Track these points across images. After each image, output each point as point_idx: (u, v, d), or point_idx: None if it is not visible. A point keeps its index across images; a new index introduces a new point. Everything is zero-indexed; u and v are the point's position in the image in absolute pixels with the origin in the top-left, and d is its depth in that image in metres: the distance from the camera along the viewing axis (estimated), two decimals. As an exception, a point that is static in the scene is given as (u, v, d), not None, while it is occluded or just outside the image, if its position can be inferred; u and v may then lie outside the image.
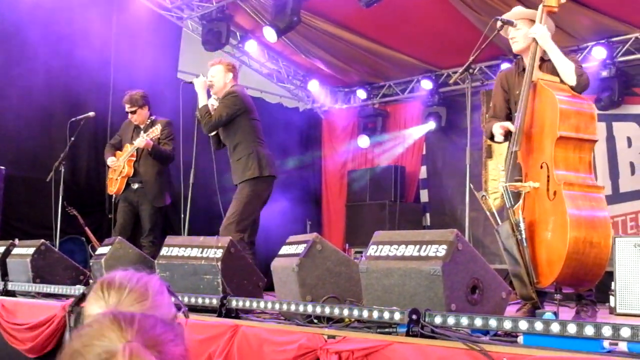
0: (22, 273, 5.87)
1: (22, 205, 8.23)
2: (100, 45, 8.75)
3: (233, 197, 6.00)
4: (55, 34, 8.15)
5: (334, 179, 11.78)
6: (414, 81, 10.61)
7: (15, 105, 8.23)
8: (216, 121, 5.89)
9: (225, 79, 6.03)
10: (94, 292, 1.70)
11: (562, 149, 4.17)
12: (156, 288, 1.71)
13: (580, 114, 4.24)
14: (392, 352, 3.00)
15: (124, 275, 1.72)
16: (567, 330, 2.67)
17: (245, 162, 5.87)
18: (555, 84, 4.36)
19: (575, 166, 4.18)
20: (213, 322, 3.97)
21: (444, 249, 3.25)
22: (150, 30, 9.32)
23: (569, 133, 4.15)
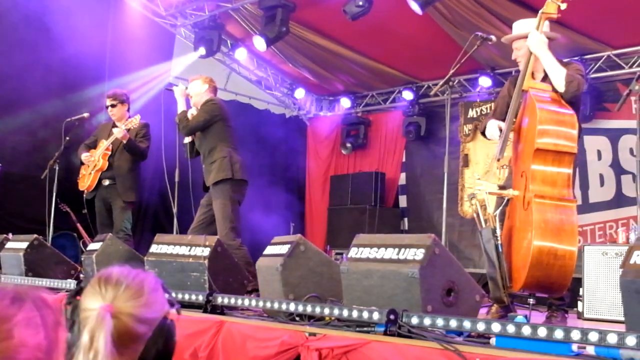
0: (15, 267, 5.94)
1: (17, 201, 8.33)
2: (96, 49, 8.86)
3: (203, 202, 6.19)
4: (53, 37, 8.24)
5: (317, 183, 11.94)
6: (396, 92, 10.83)
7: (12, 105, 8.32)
8: (194, 125, 6.14)
9: (201, 89, 6.29)
10: (91, 287, 1.77)
11: (541, 160, 4.10)
12: (151, 285, 1.81)
13: (561, 126, 4.16)
14: (370, 350, 3.06)
15: (121, 271, 1.80)
16: (537, 333, 2.73)
17: (220, 164, 6.07)
18: (545, 92, 4.29)
19: (553, 179, 4.12)
20: (199, 317, 4.03)
21: (421, 253, 3.33)
22: (144, 37, 9.45)
23: (546, 146, 4.09)
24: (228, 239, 5.85)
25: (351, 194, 10.77)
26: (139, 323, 1.73)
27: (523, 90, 4.37)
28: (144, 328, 1.75)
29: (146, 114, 7.34)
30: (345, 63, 10.06)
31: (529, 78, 4.38)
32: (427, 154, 10.46)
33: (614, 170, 8.55)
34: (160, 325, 1.80)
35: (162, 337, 1.79)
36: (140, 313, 1.74)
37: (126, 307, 1.72)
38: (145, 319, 1.75)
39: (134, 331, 1.73)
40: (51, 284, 5.49)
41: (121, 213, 6.91)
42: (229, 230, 5.92)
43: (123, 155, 6.97)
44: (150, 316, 1.77)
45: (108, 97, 7.11)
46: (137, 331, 1.73)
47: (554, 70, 4.33)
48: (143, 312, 1.75)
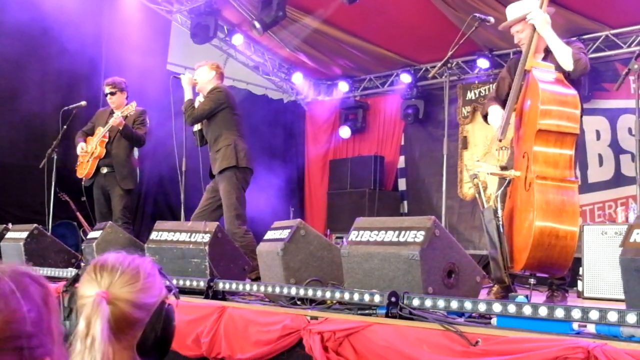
0: (16, 256, 5.96)
1: (16, 191, 8.35)
2: (92, 37, 8.85)
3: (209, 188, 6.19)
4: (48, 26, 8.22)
5: (316, 167, 11.95)
6: (394, 75, 10.80)
7: (9, 94, 8.33)
8: (199, 113, 6.11)
9: (209, 76, 6.25)
10: (87, 274, 1.77)
11: (543, 142, 4.08)
12: (147, 270, 1.81)
13: (564, 106, 4.13)
14: (371, 332, 3.09)
15: (116, 257, 1.80)
16: (538, 313, 2.75)
17: (224, 152, 6.05)
18: (548, 72, 4.25)
19: (555, 160, 4.09)
20: (200, 303, 4.07)
21: (422, 235, 3.35)
22: (140, 23, 9.41)
23: (549, 127, 4.07)
24: (233, 227, 5.88)
25: (350, 177, 10.79)
26: (135, 308, 1.73)
27: (525, 70, 4.34)
28: (141, 313, 1.76)
29: (144, 101, 7.32)
30: (342, 47, 10.03)
31: (531, 57, 4.35)
32: (426, 136, 10.46)
33: (612, 150, 8.56)
34: (158, 310, 1.80)
35: (160, 322, 1.80)
36: (136, 298, 1.74)
37: (122, 293, 1.72)
38: (142, 304, 1.75)
39: (131, 317, 1.73)
40: (52, 273, 5.51)
41: (120, 200, 6.91)
42: (234, 218, 5.93)
43: (121, 142, 6.96)
44: (147, 301, 1.77)
45: (107, 85, 7.09)
46: (134, 316, 1.74)
47: (560, 49, 4.30)
48: (139, 297, 1.75)
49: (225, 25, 10.25)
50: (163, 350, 1.84)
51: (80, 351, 1.60)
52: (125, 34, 9.18)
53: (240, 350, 3.67)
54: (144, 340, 1.77)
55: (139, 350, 1.77)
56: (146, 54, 9.31)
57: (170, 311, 1.84)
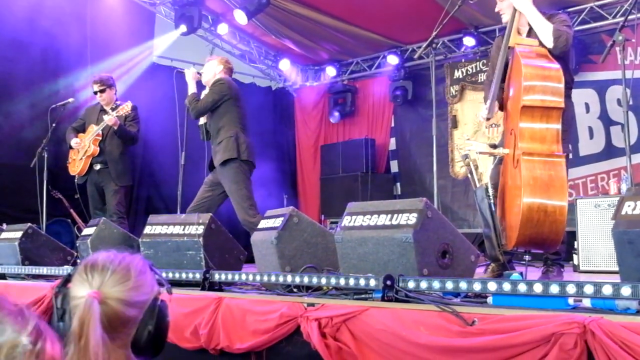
0: (11, 256, 5.93)
1: (8, 191, 8.30)
2: (77, 34, 8.83)
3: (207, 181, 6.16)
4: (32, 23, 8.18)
5: (308, 153, 11.94)
6: (381, 57, 10.78)
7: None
8: (203, 106, 6.07)
9: (215, 70, 6.22)
10: (78, 275, 1.77)
11: (529, 117, 4.07)
12: (139, 268, 1.81)
13: (547, 81, 4.10)
14: (368, 317, 3.09)
15: (107, 257, 1.80)
16: (533, 290, 2.75)
17: (226, 144, 6.03)
18: (531, 48, 4.24)
19: (542, 135, 4.08)
20: (197, 295, 4.05)
21: (414, 217, 3.34)
22: (124, 17, 9.37)
23: (533, 102, 4.05)
24: (249, 216, 5.87)
25: (342, 162, 10.79)
26: (128, 307, 1.73)
27: (509, 47, 4.33)
28: (134, 311, 1.75)
29: (131, 96, 7.30)
30: (327, 31, 9.99)
31: (514, 34, 4.34)
32: (416, 117, 10.46)
33: (602, 122, 8.57)
34: (150, 307, 1.80)
35: (154, 319, 1.80)
36: (128, 297, 1.74)
37: (114, 292, 1.72)
38: (134, 302, 1.75)
39: (124, 315, 1.73)
40: (48, 272, 5.51)
41: (114, 196, 6.91)
42: (248, 208, 5.93)
43: (114, 140, 6.96)
44: (139, 299, 1.77)
45: (95, 83, 7.07)
46: (127, 315, 1.73)
47: (540, 26, 4.29)
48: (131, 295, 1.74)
49: (209, 15, 10.19)
50: (158, 347, 1.84)
51: (74, 352, 1.59)
52: (109, 29, 9.14)
53: (239, 340, 3.68)
54: (138, 338, 1.78)
55: (134, 348, 1.78)
56: (131, 48, 9.27)
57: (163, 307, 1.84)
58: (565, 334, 2.43)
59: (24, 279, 5.70)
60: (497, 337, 2.62)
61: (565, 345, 2.43)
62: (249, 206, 5.92)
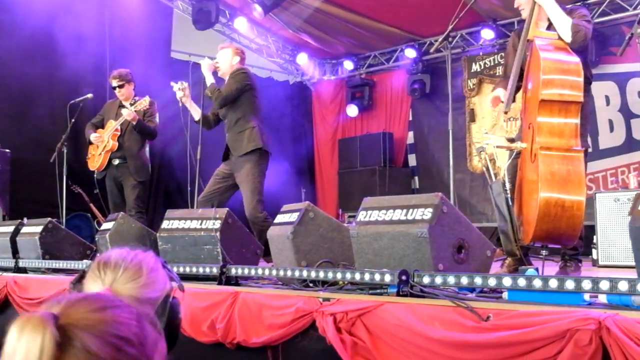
0: (32, 250, 5.99)
1: (29, 185, 8.39)
2: (96, 30, 8.91)
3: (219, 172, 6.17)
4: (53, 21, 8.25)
5: (326, 147, 11.95)
6: (398, 50, 10.77)
7: (17, 91, 8.39)
8: (227, 94, 6.03)
9: (232, 62, 6.20)
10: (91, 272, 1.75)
11: (547, 111, 4.03)
12: (150, 265, 1.79)
13: (566, 74, 4.06)
14: (383, 312, 3.07)
15: (119, 253, 1.77)
16: (549, 285, 2.72)
17: (249, 134, 6.03)
18: (550, 41, 4.19)
19: (560, 130, 4.03)
20: (214, 289, 4.06)
21: (429, 212, 3.32)
22: (142, 13, 9.43)
23: (551, 96, 4.00)
24: (256, 212, 5.89)
25: (360, 156, 10.79)
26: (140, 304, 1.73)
27: (528, 40, 4.30)
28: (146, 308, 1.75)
29: (149, 91, 7.32)
30: (345, 25, 9.99)
31: (533, 27, 4.31)
32: (434, 111, 10.42)
33: (623, 114, 8.49)
34: (162, 304, 1.80)
35: (165, 316, 1.80)
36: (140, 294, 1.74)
37: (126, 289, 1.71)
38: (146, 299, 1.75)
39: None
40: (68, 266, 5.55)
41: (132, 191, 6.94)
42: (256, 204, 5.93)
43: (132, 135, 6.98)
44: (151, 296, 1.77)
45: (114, 79, 7.09)
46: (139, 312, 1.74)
47: (559, 21, 4.24)
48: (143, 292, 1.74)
49: (226, 9, 10.22)
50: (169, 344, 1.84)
51: None
52: (128, 24, 9.20)
53: (255, 334, 3.68)
54: None
55: None
56: (150, 43, 9.33)
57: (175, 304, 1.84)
58: (580, 330, 2.41)
59: (45, 273, 5.75)
60: (512, 332, 2.61)
61: (581, 341, 2.41)
62: (258, 201, 5.93)
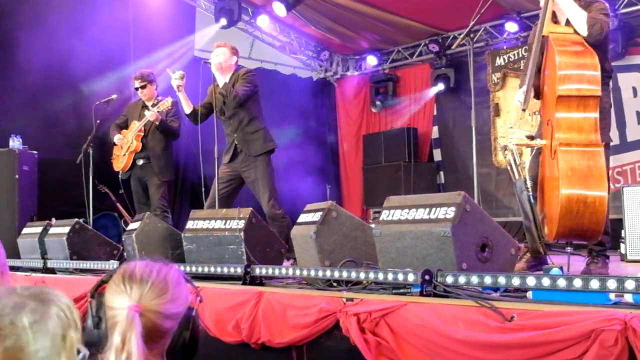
0: (60, 251, 6.08)
1: (57, 186, 8.48)
2: (120, 31, 8.98)
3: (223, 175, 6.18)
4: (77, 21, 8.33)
5: (350, 143, 11.94)
6: (422, 45, 10.72)
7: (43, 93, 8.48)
8: (244, 94, 6.07)
9: (231, 61, 6.26)
10: (115, 285, 1.77)
11: (565, 107, 3.96)
12: (175, 280, 1.83)
13: (583, 69, 3.99)
14: (407, 312, 3.06)
15: (144, 267, 1.80)
16: (573, 285, 2.70)
17: (263, 135, 6.14)
18: (567, 36, 4.13)
19: (579, 125, 3.96)
20: (238, 290, 4.08)
21: (452, 211, 3.30)
22: (165, 13, 9.50)
23: (569, 92, 3.93)
24: (275, 209, 5.96)
25: (385, 151, 10.76)
26: (165, 319, 1.75)
27: (543, 35, 4.23)
28: (170, 323, 1.78)
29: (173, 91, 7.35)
30: (367, 20, 9.96)
31: (548, 22, 4.22)
32: (458, 105, 10.36)
33: (651, 106, 8.37)
34: (185, 317, 1.82)
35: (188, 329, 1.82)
36: (166, 309, 1.76)
37: (152, 305, 1.74)
38: (171, 315, 1.77)
39: (162, 327, 1.75)
40: (95, 266, 5.62)
41: (157, 190, 7.00)
42: (274, 201, 6.01)
43: (156, 135, 7.03)
44: (175, 311, 1.79)
45: (136, 79, 7.15)
46: (164, 327, 1.76)
47: (573, 14, 4.16)
48: (169, 308, 1.76)
49: (249, 7, 10.24)
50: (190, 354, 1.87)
51: None
52: (151, 25, 9.26)
53: (279, 334, 3.69)
54: (173, 347, 1.80)
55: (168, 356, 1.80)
56: (173, 42, 9.38)
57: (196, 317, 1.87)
58: (605, 330, 2.39)
59: (72, 273, 5.83)
60: (536, 333, 2.58)
61: (606, 342, 2.38)
62: (275, 199, 6.02)
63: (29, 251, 6.59)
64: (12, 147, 7.67)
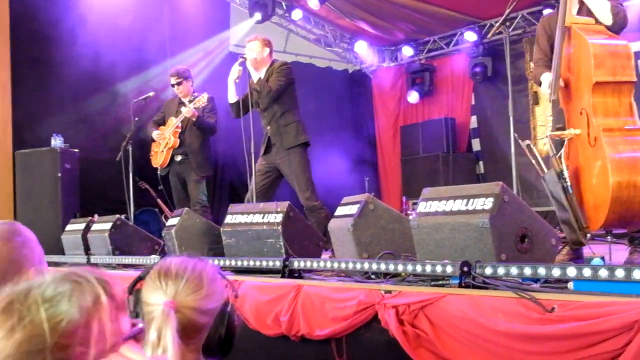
0: (102, 247, 6.18)
1: (97, 184, 8.60)
2: (156, 30, 9.07)
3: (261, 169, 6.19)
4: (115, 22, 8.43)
5: (387, 135, 11.91)
6: (458, 34, 10.63)
7: (82, 92, 8.61)
8: (277, 89, 6.09)
9: (263, 54, 6.24)
10: (151, 281, 1.79)
11: (600, 94, 3.96)
12: (210, 275, 1.83)
13: (616, 57, 4.00)
14: (446, 303, 3.05)
15: (180, 263, 1.82)
16: (615, 275, 2.64)
17: (297, 128, 6.13)
18: (589, 26, 4.14)
19: (615, 110, 3.97)
20: (277, 283, 4.10)
21: (490, 202, 3.26)
22: (200, 9, 9.57)
23: (605, 78, 3.94)
24: (312, 201, 5.98)
25: (422, 142, 10.72)
26: (201, 315, 1.76)
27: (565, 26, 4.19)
28: (206, 318, 1.79)
29: (210, 86, 7.42)
30: (402, 10, 9.89)
31: (569, 13, 4.21)
32: (497, 94, 10.24)
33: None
34: (221, 312, 1.83)
35: (224, 324, 1.83)
36: (201, 305, 1.76)
37: (188, 301, 1.75)
38: (206, 310, 1.78)
39: (197, 323, 1.76)
40: (137, 261, 5.69)
41: (196, 186, 7.05)
42: (311, 193, 6.02)
43: (193, 131, 7.08)
44: (211, 306, 1.80)
45: (172, 76, 7.20)
46: (200, 322, 1.77)
47: (597, 4, 4.18)
48: (204, 303, 1.77)
49: (283, 1, 10.26)
50: (227, 349, 1.88)
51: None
52: (186, 21, 9.34)
53: (318, 326, 3.70)
54: (209, 342, 1.81)
55: (204, 351, 1.81)
56: (208, 38, 9.44)
57: (232, 312, 1.87)
58: (647, 321, 2.35)
59: (115, 269, 5.89)
60: (577, 324, 2.55)
61: (649, 333, 2.34)
62: (312, 190, 6.03)
63: (72, 247, 6.71)
64: (54, 146, 7.77)
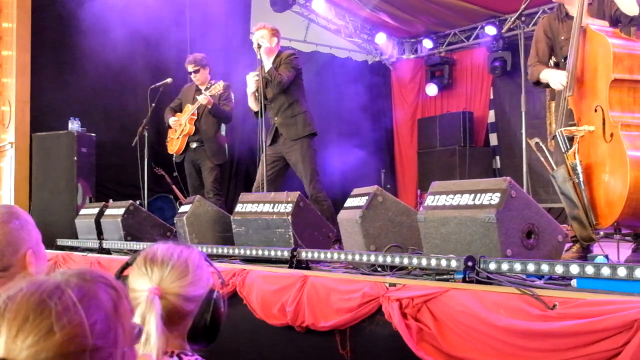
0: (115, 232, 6.22)
1: (113, 168, 8.66)
2: (176, 16, 9.10)
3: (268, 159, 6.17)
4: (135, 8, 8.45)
5: (405, 127, 11.88)
6: (478, 28, 10.58)
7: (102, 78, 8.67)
8: (287, 79, 6.11)
9: (272, 43, 6.25)
10: (137, 267, 1.80)
11: (617, 91, 4.02)
12: (196, 262, 1.83)
13: (633, 57, 4.07)
14: (449, 298, 3.05)
15: (166, 250, 1.82)
16: (617, 274, 2.65)
17: (304, 119, 6.15)
18: (604, 28, 4.21)
19: (631, 107, 4.02)
20: (284, 273, 4.10)
21: (497, 197, 3.26)
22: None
23: (623, 75, 4.00)
24: (317, 191, 6.00)
25: (440, 135, 10.68)
26: (186, 301, 1.77)
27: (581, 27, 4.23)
28: (191, 305, 1.80)
29: (230, 75, 7.43)
30: (423, 3, 9.85)
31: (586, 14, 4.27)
32: (515, 89, 10.12)
33: None
34: (206, 299, 1.84)
35: (209, 311, 1.83)
36: (186, 292, 1.77)
37: (173, 288, 1.76)
38: (192, 297, 1.79)
39: (182, 309, 1.77)
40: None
41: (210, 173, 7.08)
42: (316, 183, 6.05)
43: (209, 119, 7.11)
44: (196, 293, 1.80)
45: (189, 64, 7.22)
46: (185, 309, 1.78)
47: None
48: (189, 290, 1.78)
49: (304, -9, 10.27)
50: (212, 336, 1.88)
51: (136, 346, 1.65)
52: (207, 9, 9.32)
53: (323, 318, 3.71)
54: (194, 329, 1.82)
55: (189, 338, 1.82)
56: (229, 27, 9.44)
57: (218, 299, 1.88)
58: (647, 320, 2.33)
59: (127, 254, 5.93)
60: (578, 322, 2.53)
61: (648, 332, 2.33)
62: (317, 181, 6.05)
63: (86, 232, 6.76)
64: (71, 129, 7.81)
